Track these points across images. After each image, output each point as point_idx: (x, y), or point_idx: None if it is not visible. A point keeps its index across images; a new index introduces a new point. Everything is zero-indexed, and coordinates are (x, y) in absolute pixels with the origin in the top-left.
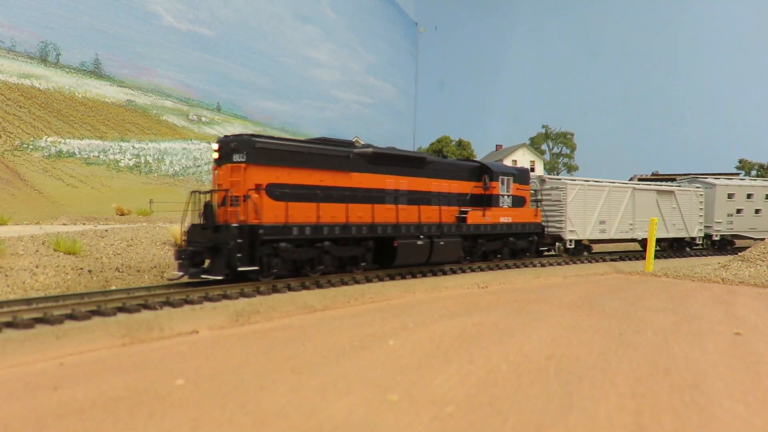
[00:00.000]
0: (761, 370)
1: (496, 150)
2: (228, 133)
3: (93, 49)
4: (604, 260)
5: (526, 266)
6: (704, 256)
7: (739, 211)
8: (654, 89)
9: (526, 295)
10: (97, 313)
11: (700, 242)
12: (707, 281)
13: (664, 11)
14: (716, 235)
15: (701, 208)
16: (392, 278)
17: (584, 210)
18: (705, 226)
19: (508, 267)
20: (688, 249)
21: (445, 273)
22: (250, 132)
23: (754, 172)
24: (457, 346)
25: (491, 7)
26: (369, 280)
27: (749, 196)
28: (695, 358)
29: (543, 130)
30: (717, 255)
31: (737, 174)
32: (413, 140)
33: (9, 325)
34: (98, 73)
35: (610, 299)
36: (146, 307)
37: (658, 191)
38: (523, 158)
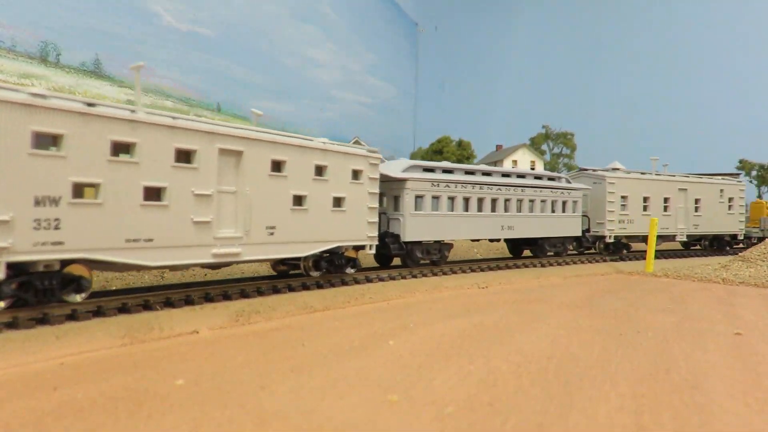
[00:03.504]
0: (761, 371)
1: (497, 150)
2: None
3: (93, 49)
4: (605, 260)
5: (526, 266)
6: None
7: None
8: (654, 89)
9: (526, 295)
10: (97, 313)
11: None
12: (707, 281)
13: (664, 11)
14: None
15: None
16: (392, 278)
17: None
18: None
19: (508, 267)
20: None
21: (445, 273)
22: None
23: (754, 172)
24: (457, 346)
25: (491, 7)
26: (369, 280)
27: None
28: (696, 359)
29: (543, 130)
30: (712, 256)
31: (738, 174)
32: (413, 140)
33: (9, 325)
34: (98, 73)
35: (611, 299)
36: (146, 307)
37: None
38: (523, 158)
